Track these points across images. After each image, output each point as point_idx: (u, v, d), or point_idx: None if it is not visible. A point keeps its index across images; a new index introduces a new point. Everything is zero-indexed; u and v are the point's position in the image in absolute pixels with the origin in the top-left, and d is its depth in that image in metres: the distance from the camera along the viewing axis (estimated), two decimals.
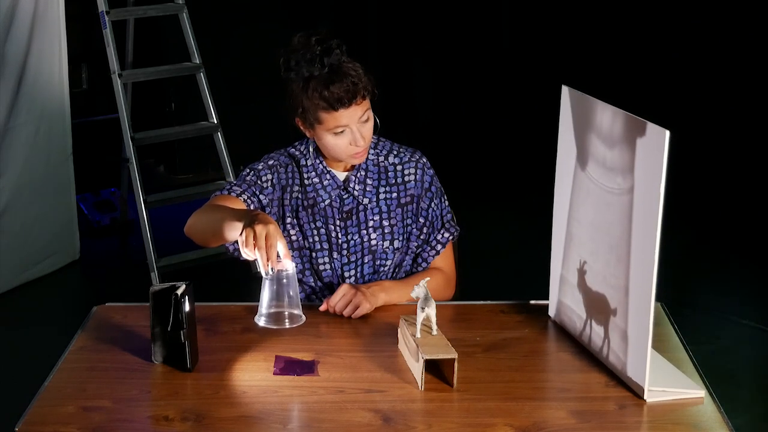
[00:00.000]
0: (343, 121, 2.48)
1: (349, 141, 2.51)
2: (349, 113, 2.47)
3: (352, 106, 2.47)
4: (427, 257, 2.69)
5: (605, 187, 2.18)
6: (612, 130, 2.14)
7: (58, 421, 2.03)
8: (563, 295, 2.39)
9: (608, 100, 2.16)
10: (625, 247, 2.11)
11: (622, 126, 2.10)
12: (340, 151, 2.53)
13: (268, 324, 2.31)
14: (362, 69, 2.50)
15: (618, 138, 2.12)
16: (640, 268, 2.07)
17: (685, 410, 2.09)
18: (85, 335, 2.40)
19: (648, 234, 2.02)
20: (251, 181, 2.61)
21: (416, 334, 2.19)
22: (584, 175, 2.26)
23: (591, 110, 2.22)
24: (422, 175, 2.66)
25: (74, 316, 2.79)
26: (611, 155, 2.15)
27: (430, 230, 2.67)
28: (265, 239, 2.23)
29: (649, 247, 2.02)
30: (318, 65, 2.46)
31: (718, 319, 4.49)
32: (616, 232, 2.14)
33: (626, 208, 2.10)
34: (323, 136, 2.52)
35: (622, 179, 2.11)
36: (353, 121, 2.49)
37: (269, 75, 6.46)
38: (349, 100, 2.46)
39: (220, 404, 2.09)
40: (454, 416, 2.05)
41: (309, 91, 2.47)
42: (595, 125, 2.21)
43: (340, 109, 2.46)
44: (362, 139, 2.51)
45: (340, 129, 2.49)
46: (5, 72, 4.49)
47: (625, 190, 2.10)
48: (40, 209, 4.80)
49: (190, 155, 6.14)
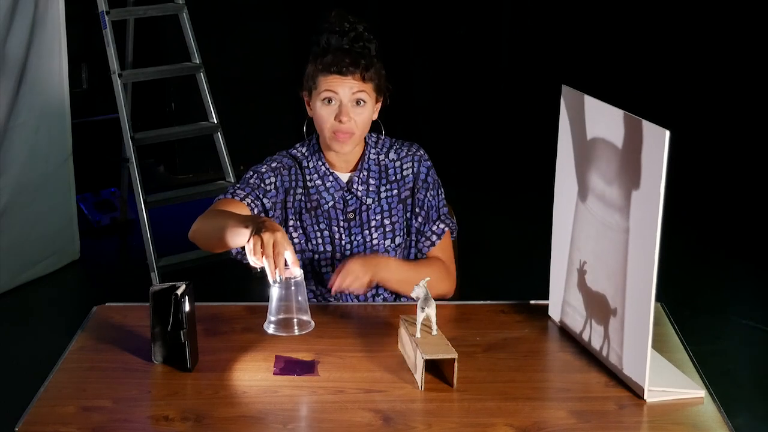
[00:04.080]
0: (334, 87, 2.49)
1: (335, 114, 2.51)
2: (341, 82, 2.49)
3: (347, 76, 2.49)
4: (422, 248, 2.68)
5: (606, 188, 2.17)
6: (612, 131, 2.14)
7: (58, 421, 2.03)
8: (563, 295, 2.39)
9: (608, 100, 2.16)
10: (625, 246, 2.11)
11: (622, 126, 2.10)
12: (323, 122, 2.53)
13: (277, 331, 2.30)
14: (382, 68, 2.55)
15: (618, 138, 2.12)
16: (640, 268, 2.07)
17: (685, 410, 2.09)
18: (85, 335, 2.40)
19: (648, 234, 2.02)
20: (254, 184, 2.60)
21: (416, 334, 2.19)
22: (582, 180, 2.26)
23: (591, 110, 2.22)
24: (418, 167, 2.66)
25: (74, 316, 2.79)
26: (612, 156, 2.15)
27: (425, 220, 2.67)
28: (272, 247, 2.23)
29: (649, 247, 2.02)
30: (338, 37, 2.50)
31: (718, 319, 4.49)
32: (617, 232, 2.14)
33: (627, 208, 2.10)
34: (315, 105, 2.53)
35: (622, 178, 2.11)
36: (345, 94, 2.50)
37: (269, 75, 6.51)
38: (346, 69, 2.48)
39: (220, 404, 2.09)
40: (454, 416, 2.05)
41: (318, 57, 2.51)
42: (594, 125, 2.21)
43: (334, 73, 2.48)
44: (348, 118, 2.51)
45: (329, 95, 2.50)
46: (5, 72, 4.49)
47: (626, 189, 2.10)
48: (40, 209, 4.80)
49: (190, 155, 6.14)
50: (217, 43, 5.95)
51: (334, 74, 2.49)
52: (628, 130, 2.08)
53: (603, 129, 2.18)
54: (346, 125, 2.51)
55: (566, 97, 2.30)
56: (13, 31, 4.50)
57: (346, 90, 2.50)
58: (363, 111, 2.53)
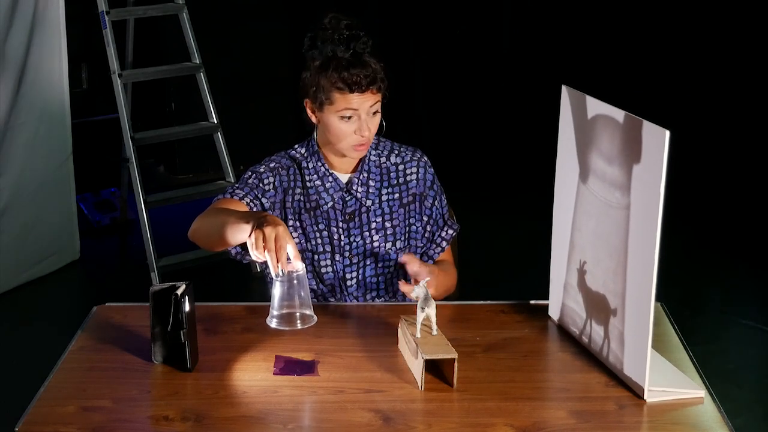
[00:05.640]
0: (354, 104, 2.48)
1: (355, 129, 2.51)
2: (361, 99, 2.48)
3: (366, 92, 2.48)
4: (432, 255, 2.70)
5: (605, 189, 2.17)
6: (612, 131, 2.14)
7: (58, 421, 2.03)
8: (563, 295, 2.39)
9: (608, 100, 2.16)
10: (625, 246, 2.11)
11: (622, 126, 2.10)
12: (343, 137, 2.52)
13: (280, 326, 2.30)
14: (381, 67, 2.53)
15: (618, 138, 2.12)
16: (640, 268, 2.07)
17: (685, 410, 2.09)
18: (85, 335, 2.40)
19: (648, 234, 2.02)
20: (253, 184, 2.60)
21: (416, 334, 2.19)
22: (584, 177, 2.26)
23: (591, 110, 2.22)
24: (424, 174, 2.67)
25: (74, 316, 2.79)
26: (612, 156, 2.15)
27: (434, 228, 2.68)
28: (274, 241, 2.23)
29: (649, 247, 2.02)
30: (343, 47, 2.48)
31: (718, 319, 4.49)
32: (617, 233, 2.14)
33: (627, 209, 2.10)
34: (330, 119, 2.51)
35: (623, 178, 2.11)
36: (363, 109, 2.49)
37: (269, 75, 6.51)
38: (366, 86, 2.48)
39: (220, 404, 2.09)
40: (454, 416, 2.05)
41: (329, 71, 2.48)
42: (595, 125, 2.21)
43: (355, 92, 2.47)
44: (368, 130, 2.52)
45: (349, 113, 2.49)
46: (5, 72, 4.49)
47: (626, 189, 2.10)
48: (40, 209, 4.80)
49: (190, 155, 6.14)
50: (217, 43, 5.95)
51: (355, 93, 2.48)
52: (628, 130, 2.08)
53: (603, 129, 2.17)
54: (366, 137, 2.52)
55: (566, 97, 2.30)
56: (13, 31, 4.50)
57: (366, 105, 2.50)
58: (377, 117, 2.54)
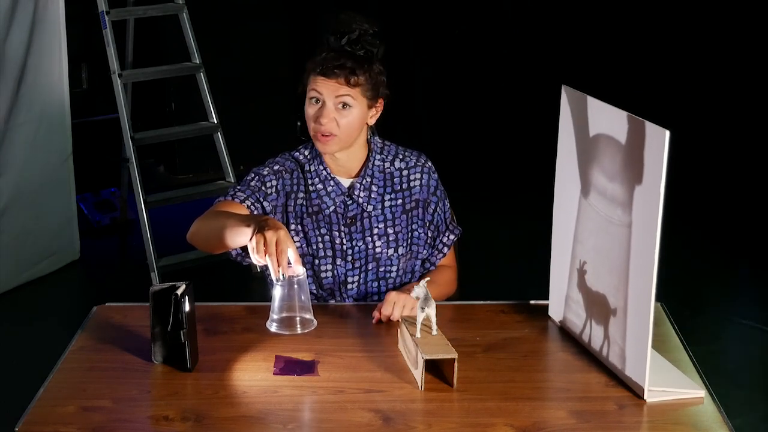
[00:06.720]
0: (320, 87, 2.49)
1: (316, 114, 2.51)
2: (326, 84, 2.49)
3: (332, 79, 2.48)
4: (434, 260, 2.69)
5: (608, 184, 2.17)
6: (612, 131, 2.14)
7: (58, 421, 2.03)
8: (563, 295, 2.39)
9: (608, 100, 2.16)
10: (625, 246, 2.11)
11: (622, 126, 2.10)
12: (308, 121, 2.54)
13: (280, 330, 2.30)
14: (380, 73, 2.53)
15: (618, 138, 2.12)
16: (640, 268, 2.07)
17: (685, 410, 2.09)
18: (85, 335, 2.40)
19: (648, 233, 2.02)
20: (255, 186, 2.58)
21: (416, 334, 2.19)
22: (584, 177, 2.26)
23: (591, 112, 2.22)
24: (428, 180, 2.65)
25: (74, 316, 2.79)
26: (614, 152, 2.15)
27: (435, 234, 2.67)
28: (275, 245, 2.22)
29: (649, 247, 2.02)
30: (337, 38, 2.49)
31: (718, 319, 4.49)
32: (617, 233, 2.14)
33: (630, 203, 2.10)
34: (305, 103, 2.54)
35: (625, 175, 2.11)
36: (329, 96, 2.49)
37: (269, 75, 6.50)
38: (331, 72, 2.47)
39: (220, 404, 2.09)
40: (454, 416, 2.05)
41: (315, 56, 2.51)
42: (595, 125, 2.21)
43: (320, 75, 2.48)
44: (329, 119, 2.50)
45: (314, 96, 2.50)
46: (5, 72, 4.49)
47: (629, 185, 2.10)
48: (40, 209, 4.80)
49: (190, 155, 6.14)
50: (217, 43, 5.95)
51: (320, 75, 2.49)
52: (630, 130, 2.08)
53: (605, 129, 2.18)
54: (325, 126, 2.50)
55: (566, 97, 2.30)
56: (12, 31, 4.50)
57: (330, 92, 2.49)
58: (348, 114, 2.51)
